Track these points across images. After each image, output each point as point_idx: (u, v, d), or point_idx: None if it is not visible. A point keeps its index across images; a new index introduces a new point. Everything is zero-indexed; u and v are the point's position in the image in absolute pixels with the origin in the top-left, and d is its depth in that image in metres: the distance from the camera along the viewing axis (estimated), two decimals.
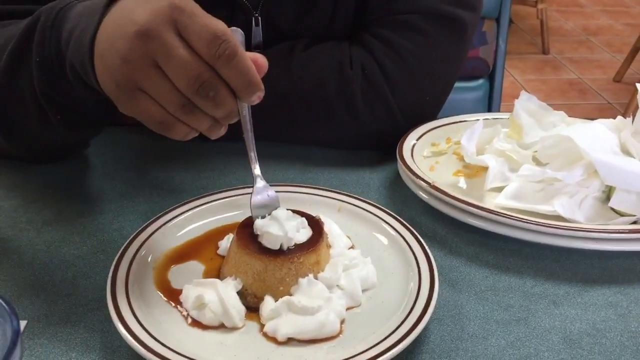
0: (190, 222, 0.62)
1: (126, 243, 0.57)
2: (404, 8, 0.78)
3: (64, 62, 0.58)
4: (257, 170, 0.57)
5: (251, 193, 0.56)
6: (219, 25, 0.47)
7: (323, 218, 0.59)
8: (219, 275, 0.56)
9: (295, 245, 0.54)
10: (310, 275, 0.53)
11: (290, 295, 0.52)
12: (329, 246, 0.57)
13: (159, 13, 0.47)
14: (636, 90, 0.72)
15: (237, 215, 0.62)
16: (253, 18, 0.81)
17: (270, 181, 0.57)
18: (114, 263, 0.54)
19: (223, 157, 0.78)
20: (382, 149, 0.79)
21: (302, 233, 0.55)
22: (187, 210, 0.63)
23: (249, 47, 0.82)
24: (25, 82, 0.63)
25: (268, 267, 0.53)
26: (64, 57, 0.58)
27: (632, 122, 0.68)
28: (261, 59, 0.51)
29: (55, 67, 0.60)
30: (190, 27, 0.47)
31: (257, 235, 0.54)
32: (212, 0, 0.77)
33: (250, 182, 0.57)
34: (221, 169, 0.76)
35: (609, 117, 0.73)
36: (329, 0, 0.81)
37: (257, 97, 0.51)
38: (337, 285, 0.54)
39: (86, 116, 0.68)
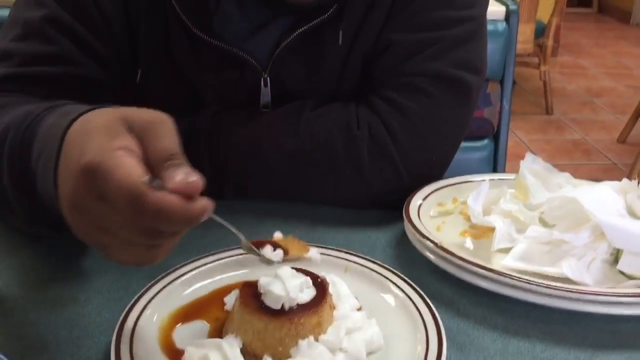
0: (197, 280, 0.62)
1: (132, 302, 0.57)
2: (410, 71, 0.80)
3: (35, 181, 0.56)
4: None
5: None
6: (133, 180, 0.43)
7: (330, 278, 0.59)
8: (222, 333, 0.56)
9: (298, 305, 0.53)
10: (311, 337, 0.52)
11: (290, 357, 0.51)
12: (332, 307, 0.57)
13: (77, 182, 0.46)
14: None
15: (245, 274, 0.62)
16: (262, 79, 0.83)
17: None
18: (119, 322, 0.54)
19: (230, 215, 0.78)
20: (389, 208, 0.79)
21: (305, 293, 0.55)
22: (194, 269, 0.63)
23: (257, 107, 0.84)
24: None
25: (268, 326, 0.52)
26: (35, 178, 0.56)
27: (638, 184, 0.69)
28: (193, 183, 0.45)
29: (27, 184, 0.58)
30: (106, 193, 0.44)
31: (260, 294, 0.54)
32: (222, 62, 0.81)
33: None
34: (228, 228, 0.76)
35: (614, 178, 0.73)
36: (337, 63, 0.83)
37: (206, 216, 0.46)
38: (340, 348, 0.53)
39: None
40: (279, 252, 0.56)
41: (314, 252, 0.59)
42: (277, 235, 0.59)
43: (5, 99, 0.71)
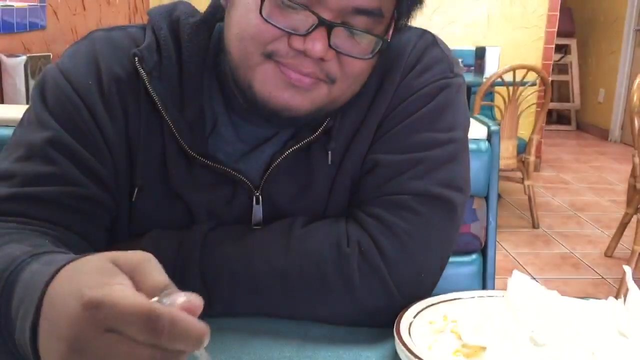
0: None
1: None
2: (396, 190, 0.83)
3: (14, 333, 0.55)
4: None
5: None
6: (144, 301, 0.45)
7: None
8: None
9: None
10: None
11: None
12: None
13: (78, 321, 0.45)
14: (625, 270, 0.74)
15: None
16: (254, 197, 0.85)
17: (266, 359, 0.56)
18: None
19: (220, 333, 0.77)
20: (380, 325, 0.79)
21: None
22: None
23: (249, 225, 0.85)
24: None
25: None
26: (14, 330, 0.55)
27: (624, 303, 0.69)
28: (195, 302, 0.47)
29: (6, 334, 0.57)
30: (117, 321, 0.44)
31: None
32: (216, 181, 0.84)
33: None
34: (218, 346, 0.75)
35: (604, 292, 0.75)
36: (326, 182, 0.86)
37: (207, 340, 0.47)
38: None
39: None
40: None
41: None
42: None
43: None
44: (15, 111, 1.10)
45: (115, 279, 0.47)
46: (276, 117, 0.78)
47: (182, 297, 0.46)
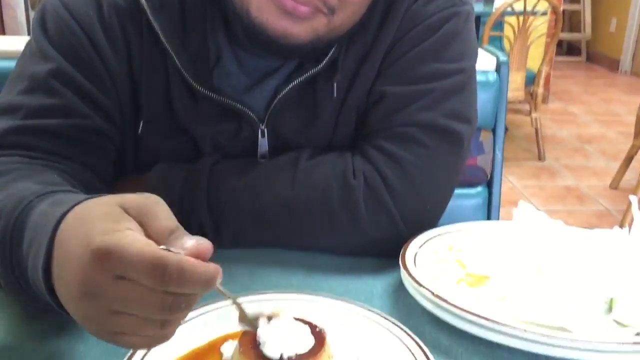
0: (195, 330, 0.62)
1: (130, 353, 0.57)
2: (402, 121, 0.82)
3: (26, 273, 0.56)
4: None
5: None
6: (153, 249, 0.45)
7: (327, 326, 0.59)
8: None
9: (296, 355, 0.54)
10: None
11: None
12: (331, 357, 0.57)
13: (88, 268, 0.46)
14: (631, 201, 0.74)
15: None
16: (259, 130, 0.84)
17: (274, 288, 0.57)
18: None
19: (227, 265, 0.79)
20: (386, 256, 0.80)
21: (303, 342, 0.55)
22: (192, 318, 0.63)
23: (254, 158, 0.86)
24: None
25: None
26: (27, 267, 0.56)
27: (629, 232, 0.70)
28: (204, 246, 0.48)
29: (17, 274, 0.58)
30: (126, 268, 0.45)
31: (259, 343, 0.54)
32: (221, 114, 0.83)
33: (256, 289, 0.58)
34: (226, 277, 0.76)
35: (608, 224, 0.75)
36: (331, 114, 0.85)
37: (219, 280, 0.48)
38: None
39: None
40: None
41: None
42: None
43: (5, 165, 0.71)
44: (16, 43, 1.09)
45: (123, 224, 0.47)
46: (275, 46, 0.76)
47: (191, 241, 0.47)
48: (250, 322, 0.55)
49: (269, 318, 0.56)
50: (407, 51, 0.83)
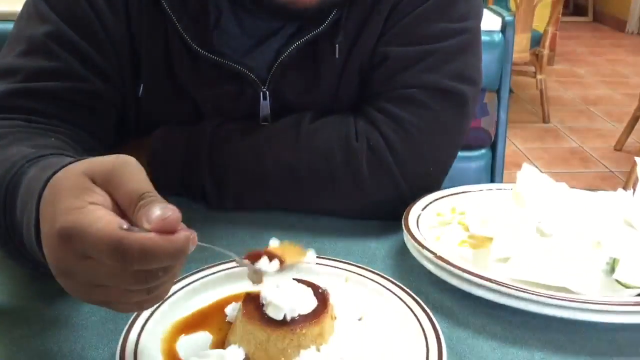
0: (200, 292, 0.63)
1: (135, 314, 0.57)
2: (406, 83, 0.81)
3: (22, 238, 0.56)
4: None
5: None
6: (110, 229, 0.43)
7: (330, 288, 0.60)
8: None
9: (299, 316, 0.54)
10: (313, 347, 0.53)
11: None
12: (334, 318, 0.58)
13: (57, 249, 0.46)
14: (636, 162, 0.73)
15: (246, 285, 0.62)
16: (261, 92, 0.84)
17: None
18: (122, 334, 0.55)
19: (231, 227, 0.79)
20: (388, 218, 0.80)
21: (306, 304, 0.55)
22: (196, 280, 0.64)
23: (256, 120, 0.85)
24: None
25: (270, 337, 0.53)
26: (22, 235, 0.56)
27: (633, 194, 0.70)
28: (170, 218, 0.44)
29: (15, 239, 0.58)
30: (88, 250, 0.44)
31: (262, 305, 0.55)
32: (222, 76, 0.82)
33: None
34: (229, 239, 0.77)
35: (611, 186, 0.75)
36: (334, 76, 0.84)
37: (193, 246, 0.45)
38: (341, 358, 0.54)
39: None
40: (275, 264, 0.56)
41: (310, 256, 0.58)
42: (273, 243, 0.59)
43: (3, 129, 0.71)
44: (16, 4, 1.07)
45: (89, 197, 0.46)
46: (283, 11, 0.75)
47: (157, 212, 0.44)
48: (256, 275, 0.55)
49: (270, 257, 0.55)
50: (410, 11, 0.81)
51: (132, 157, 0.48)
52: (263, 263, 0.55)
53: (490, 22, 1.24)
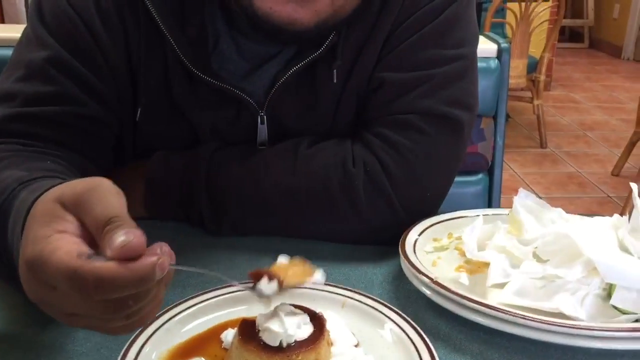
0: (195, 317, 0.63)
1: (130, 339, 0.57)
2: (402, 109, 0.82)
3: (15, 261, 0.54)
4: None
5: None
6: (67, 259, 0.42)
7: (327, 314, 0.60)
8: None
9: (296, 342, 0.54)
10: None
11: None
12: (330, 344, 0.57)
13: (27, 279, 0.46)
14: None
15: (243, 311, 0.62)
16: (259, 116, 0.84)
17: None
18: None
19: (229, 252, 0.79)
20: (385, 243, 0.80)
21: (303, 329, 0.55)
22: (192, 306, 0.63)
23: (254, 144, 0.85)
24: None
25: None
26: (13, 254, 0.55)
27: (629, 220, 0.70)
28: (132, 244, 0.43)
29: (7, 263, 0.58)
30: (51, 280, 0.44)
31: (258, 331, 0.54)
32: (220, 100, 0.83)
33: None
34: (226, 264, 0.77)
35: (609, 211, 0.75)
36: (331, 101, 0.85)
37: (161, 272, 0.44)
38: None
39: None
40: (273, 285, 0.55)
41: (317, 276, 0.57)
42: (281, 260, 0.58)
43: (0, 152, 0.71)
44: (16, 31, 1.08)
45: (57, 225, 0.45)
46: (281, 33, 0.76)
47: (119, 238, 0.42)
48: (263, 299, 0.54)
49: (270, 277, 0.54)
50: (407, 37, 0.82)
51: (106, 180, 0.47)
52: (263, 283, 0.55)
53: (485, 49, 1.26)
